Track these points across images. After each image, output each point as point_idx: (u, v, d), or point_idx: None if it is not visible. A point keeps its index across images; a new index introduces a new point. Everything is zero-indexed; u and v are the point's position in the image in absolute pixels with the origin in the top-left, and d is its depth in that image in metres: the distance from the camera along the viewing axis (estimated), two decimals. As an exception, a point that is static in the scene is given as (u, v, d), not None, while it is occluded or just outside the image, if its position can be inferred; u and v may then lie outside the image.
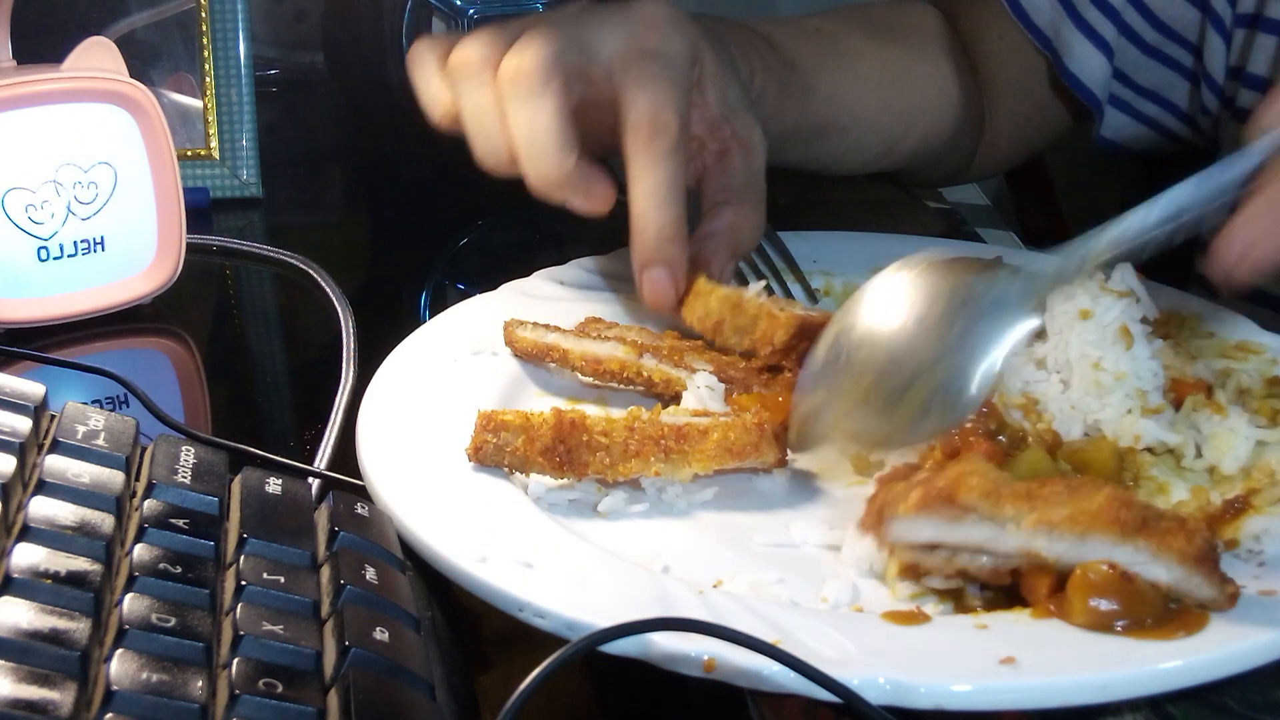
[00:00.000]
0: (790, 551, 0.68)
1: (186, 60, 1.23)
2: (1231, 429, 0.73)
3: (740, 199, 0.90)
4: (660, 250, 0.83)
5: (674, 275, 0.84)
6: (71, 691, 0.46)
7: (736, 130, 0.90)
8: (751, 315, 0.82)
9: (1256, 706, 0.57)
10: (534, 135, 0.81)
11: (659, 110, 0.82)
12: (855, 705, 0.52)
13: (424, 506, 0.66)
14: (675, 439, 0.70)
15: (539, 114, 0.81)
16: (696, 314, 0.84)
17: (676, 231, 0.83)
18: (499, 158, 0.84)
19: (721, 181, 0.90)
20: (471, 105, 0.84)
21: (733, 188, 0.90)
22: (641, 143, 0.82)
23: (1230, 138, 1.12)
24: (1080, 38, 1.15)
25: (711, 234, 0.89)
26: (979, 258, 0.96)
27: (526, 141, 0.82)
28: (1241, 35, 1.09)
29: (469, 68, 0.84)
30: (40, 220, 0.92)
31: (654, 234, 0.83)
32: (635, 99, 0.82)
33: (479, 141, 0.85)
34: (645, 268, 0.84)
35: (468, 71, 0.84)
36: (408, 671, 0.52)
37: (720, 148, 0.90)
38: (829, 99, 1.11)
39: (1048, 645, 0.57)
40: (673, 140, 0.82)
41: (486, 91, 0.83)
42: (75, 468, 0.58)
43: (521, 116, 0.82)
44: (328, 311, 0.98)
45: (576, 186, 0.83)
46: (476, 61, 0.84)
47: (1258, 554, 0.65)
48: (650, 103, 0.82)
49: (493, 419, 0.70)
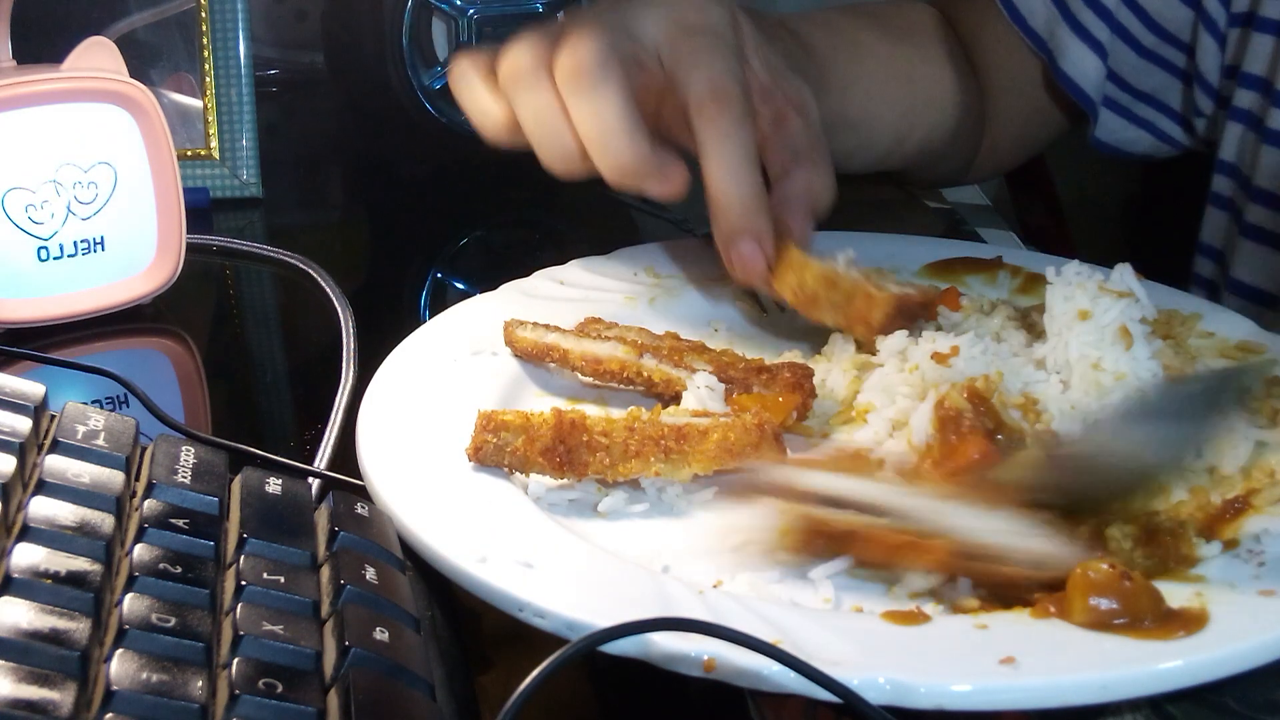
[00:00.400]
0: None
1: (186, 60, 1.23)
2: (1231, 429, 0.73)
3: (809, 158, 0.88)
4: (746, 222, 0.82)
5: (763, 246, 0.82)
6: (71, 691, 0.46)
7: (789, 94, 0.89)
8: (847, 292, 0.80)
9: (1256, 706, 0.57)
10: (604, 127, 0.81)
11: (719, 82, 0.81)
12: (855, 705, 0.52)
13: (424, 506, 0.66)
14: (675, 439, 0.70)
15: (605, 105, 0.80)
16: (790, 285, 0.82)
17: (759, 202, 0.82)
18: (569, 157, 0.83)
19: (786, 145, 0.89)
20: (532, 110, 0.84)
21: (798, 149, 0.89)
22: (709, 117, 0.81)
23: (1226, 138, 1.12)
24: (1075, 39, 1.15)
25: (788, 198, 0.87)
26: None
27: (597, 134, 0.81)
28: (1236, 35, 1.09)
29: (523, 73, 0.83)
30: (40, 220, 0.92)
31: (737, 207, 0.82)
32: (692, 76, 0.82)
33: (546, 144, 0.84)
34: (732, 241, 0.82)
35: (522, 77, 0.83)
36: (408, 671, 0.52)
37: (775, 113, 0.89)
38: (841, 91, 1.10)
39: (1048, 645, 0.57)
40: (739, 109, 0.81)
41: (545, 94, 0.83)
42: (75, 468, 0.58)
43: (587, 111, 0.81)
44: (328, 311, 0.98)
45: (653, 171, 0.82)
46: (529, 66, 0.83)
47: (1258, 554, 0.65)
48: (708, 77, 0.81)
49: (493, 419, 0.70)
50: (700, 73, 0.82)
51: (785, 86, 0.90)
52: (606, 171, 0.83)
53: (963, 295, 0.87)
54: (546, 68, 0.83)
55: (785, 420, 0.76)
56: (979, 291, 0.93)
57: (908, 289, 0.83)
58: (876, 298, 0.79)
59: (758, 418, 0.73)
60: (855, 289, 0.80)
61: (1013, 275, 0.95)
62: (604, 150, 0.81)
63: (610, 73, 0.80)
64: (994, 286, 0.94)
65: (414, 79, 1.22)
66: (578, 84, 0.81)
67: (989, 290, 0.94)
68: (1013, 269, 0.95)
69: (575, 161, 0.84)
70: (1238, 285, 1.11)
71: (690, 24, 0.84)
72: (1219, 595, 0.61)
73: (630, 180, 0.83)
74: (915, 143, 1.20)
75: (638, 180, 0.83)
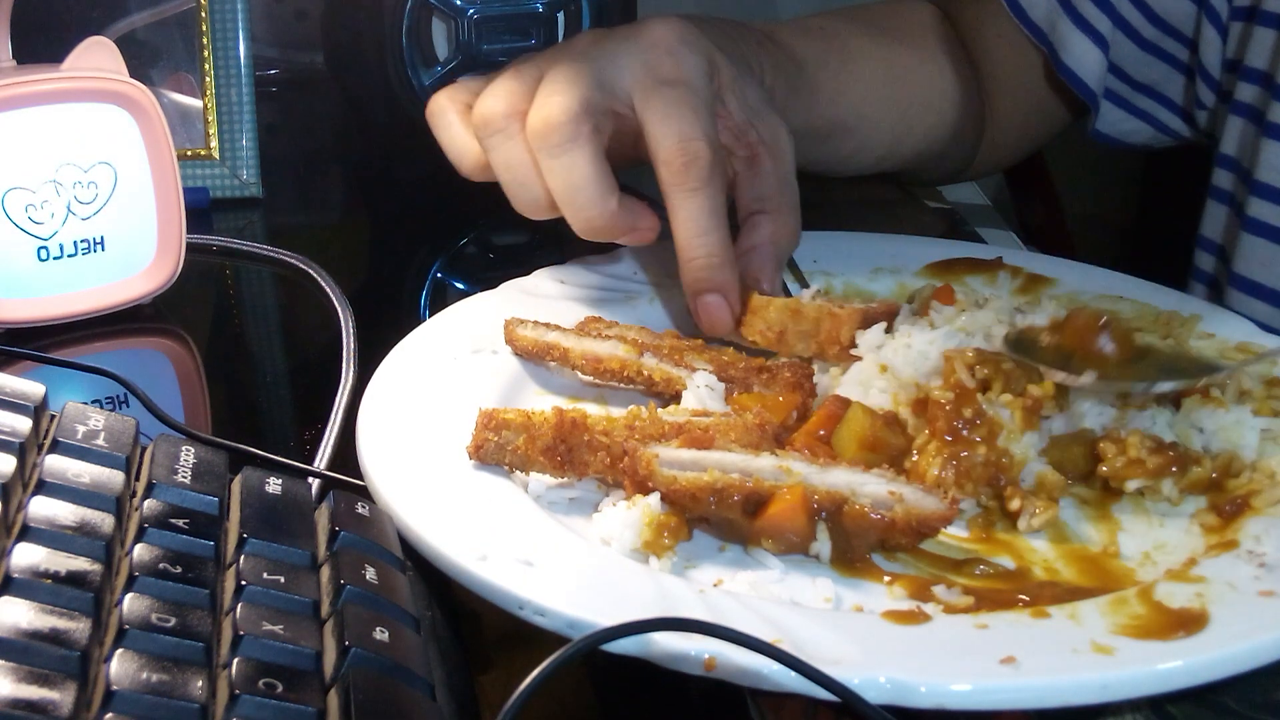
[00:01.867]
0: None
1: (186, 60, 1.23)
2: (1238, 421, 0.73)
3: (776, 206, 0.90)
4: (710, 277, 0.84)
5: (729, 299, 0.84)
6: (71, 691, 0.46)
7: (762, 134, 0.91)
8: (813, 319, 0.82)
9: (1256, 706, 0.57)
10: (573, 187, 0.83)
11: (687, 141, 0.83)
12: (855, 705, 0.52)
13: (424, 506, 0.66)
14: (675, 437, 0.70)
15: (575, 165, 0.82)
16: (757, 329, 0.84)
17: (724, 257, 0.84)
18: (539, 207, 0.86)
19: (755, 189, 0.91)
20: (504, 160, 0.85)
21: (766, 195, 0.90)
22: (676, 175, 0.83)
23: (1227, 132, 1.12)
24: (1076, 32, 1.15)
25: (755, 248, 0.89)
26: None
27: (567, 193, 0.83)
28: (1239, 28, 1.09)
29: (495, 123, 0.85)
30: (40, 220, 0.92)
31: (702, 263, 0.84)
32: (662, 133, 0.83)
33: (516, 193, 0.86)
34: (698, 295, 0.85)
35: (494, 126, 0.85)
36: (408, 671, 0.52)
37: (749, 154, 0.91)
38: (835, 98, 1.11)
39: (1048, 645, 0.57)
40: (706, 168, 0.83)
41: (517, 145, 0.84)
42: (75, 468, 0.58)
43: (558, 170, 0.83)
44: (328, 311, 0.98)
45: (621, 227, 0.85)
46: (502, 114, 0.85)
47: (1258, 554, 0.65)
48: (677, 134, 0.83)
49: (494, 417, 0.70)
50: (669, 130, 0.83)
51: (761, 127, 0.91)
52: (575, 226, 0.85)
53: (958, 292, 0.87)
54: (519, 118, 0.84)
55: (785, 419, 0.76)
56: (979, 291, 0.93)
57: (871, 305, 0.84)
58: (841, 315, 0.81)
59: (758, 417, 0.73)
60: (820, 313, 0.82)
61: (1013, 275, 0.95)
62: (573, 207, 0.84)
63: (580, 132, 0.82)
64: (994, 286, 0.94)
65: (414, 79, 1.22)
66: (547, 142, 0.82)
67: (989, 291, 0.94)
68: (1013, 269, 0.95)
69: (545, 210, 0.86)
70: (1241, 281, 1.10)
71: (664, 75, 0.85)
72: (1219, 595, 0.61)
73: (599, 235, 0.85)
74: (914, 143, 1.20)
75: (607, 235, 0.85)
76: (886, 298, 0.92)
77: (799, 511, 0.65)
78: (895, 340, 0.78)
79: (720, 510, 0.66)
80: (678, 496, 0.66)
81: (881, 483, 0.67)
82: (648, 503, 0.66)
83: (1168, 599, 0.60)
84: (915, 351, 0.77)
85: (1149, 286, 0.93)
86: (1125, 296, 0.91)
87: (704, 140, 0.83)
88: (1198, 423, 0.74)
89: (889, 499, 0.66)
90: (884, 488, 0.67)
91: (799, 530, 0.65)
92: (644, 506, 0.66)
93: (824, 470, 0.68)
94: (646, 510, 0.65)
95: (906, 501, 0.66)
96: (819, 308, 0.83)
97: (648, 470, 0.66)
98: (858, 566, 0.66)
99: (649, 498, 0.66)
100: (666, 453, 0.68)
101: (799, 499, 0.65)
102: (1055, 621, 0.59)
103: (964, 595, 0.63)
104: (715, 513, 0.66)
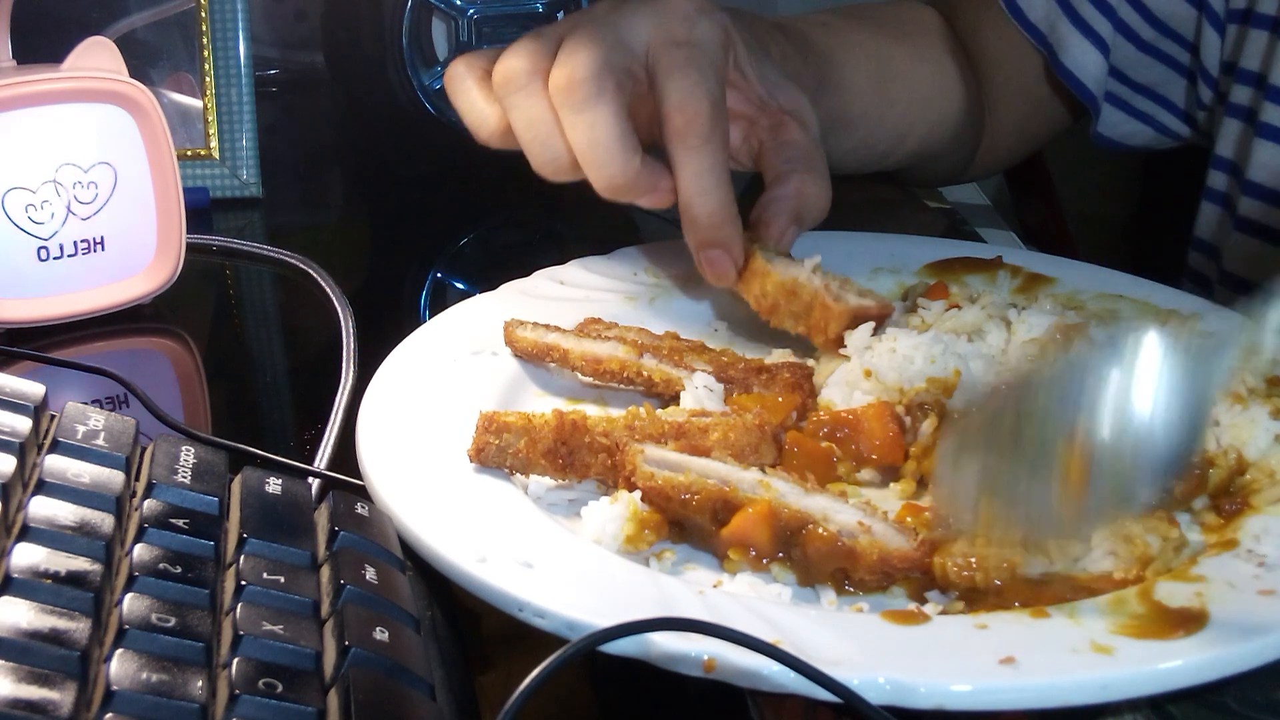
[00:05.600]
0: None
1: (186, 60, 1.23)
2: (1253, 419, 0.73)
3: (805, 166, 0.90)
4: (713, 233, 0.84)
5: (731, 254, 0.84)
6: (71, 691, 0.46)
7: (784, 104, 0.91)
8: (806, 302, 0.82)
9: (1256, 706, 0.57)
10: (596, 143, 0.82)
11: (690, 98, 0.82)
12: (855, 705, 0.52)
13: (424, 506, 0.66)
14: (675, 438, 0.70)
15: (598, 121, 0.82)
16: (754, 292, 0.85)
17: (726, 214, 0.84)
18: (560, 166, 0.85)
19: (784, 154, 0.91)
20: (525, 118, 0.85)
21: (795, 157, 0.90)
22: (677, 132, 0.83)
23: (1223, 134, 1.12)
24: (1076, 34, 1.15)
25: (775, 198, 0.89)
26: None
27: (589, 150, 0.83)
28: (1234, 30, 1.09)
29: (517, 80, 0.84)
30: (40, 220, 0.92)
31: (704, 219, 0.84)
32: (668, 90, 0.83)
33: (537, 152, 0.85)
34: (701, 249, 0.85)
35: (516, 84, 0.84)
36: (408, 671, 0.52)
37: (773, 122, 0.91)
38: (838, 91, 1.11)
39: (1048, 645, 0.57)
40: (707, 124, 0.82)
41: (539, 103, 0.84)
42: (75, 468, 0.58)
43: (580, 126, 0.82)
44: (328, 311, 0.98)
45: (643, 186, 0.84)
46: (524, 73, 0.84)
47: (1258, 554, 0.65)
48: (681, 91, 0.83)
49: (494, 420, 0.70)
50: (674, 87, 0.83)
51: (783, 96, 0.91)
52: (598, 184, 0.84)
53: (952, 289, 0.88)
54: (542, 76, 0.84)
55: (785, 420, 0.76)
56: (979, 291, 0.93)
57: (866, 300, 0.84)
58: (833, 310, 0.82)
59: (758, 418, 0.73)
60: (814, 300, 0.82)
61: (1013, 275, 0.95)
62: (596, 164, 0.83)
63: (604, 88, 0.82)
64: (994, 286, 0.94)
65: (414, 79, 1.22)
66: (571, 98, 0.82)
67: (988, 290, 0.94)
68: (1013, 269, 0.95)
69: (566, 170, 0.85)
70: (1229, 278, 1.11)
71: (676, 37, 0.85)
72: (1219, 595, 0.61)
73: (621, 194, 0.85)
74: (914, 142, 1.20)
75: (628, 194, 0.85)
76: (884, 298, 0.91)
77: (763, 525, 0.64)
78: (881, 344, 0.78)
79: (689, 513, 0.66)
80: (653, 494, 0.66)
81: (856, 513, 0.66)
82: (632, 498, 0.66)
83: (1167, 598, 0.60)
84: (899, 356, 0.77)
85: (1148, 285, 0.93)
86: (1125, 295, 0.91)
87: (706, 99, 0.83)
88: (1215, 416, 0.74)
89: (856, 529, 0.65)
90: (855, 517, 0.66)
91: (761, 545, 0.65)
92: (628, 501, 0.66)
93: (805, 494, 0.67)
94: (630, 504, 0.66)
95: (874, 534, 0.65)
96: (814, 293, 0.82)
97: (632, 465, 0.67)
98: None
99: (634, 493, 0.66)
100: (654, 452, 0.68)
101: (764, 512, 0.65)
102: (1055, 621, 0.59)
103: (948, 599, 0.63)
104: (686, 516, 0.66)
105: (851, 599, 0.64)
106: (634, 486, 0.67)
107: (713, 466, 0.68)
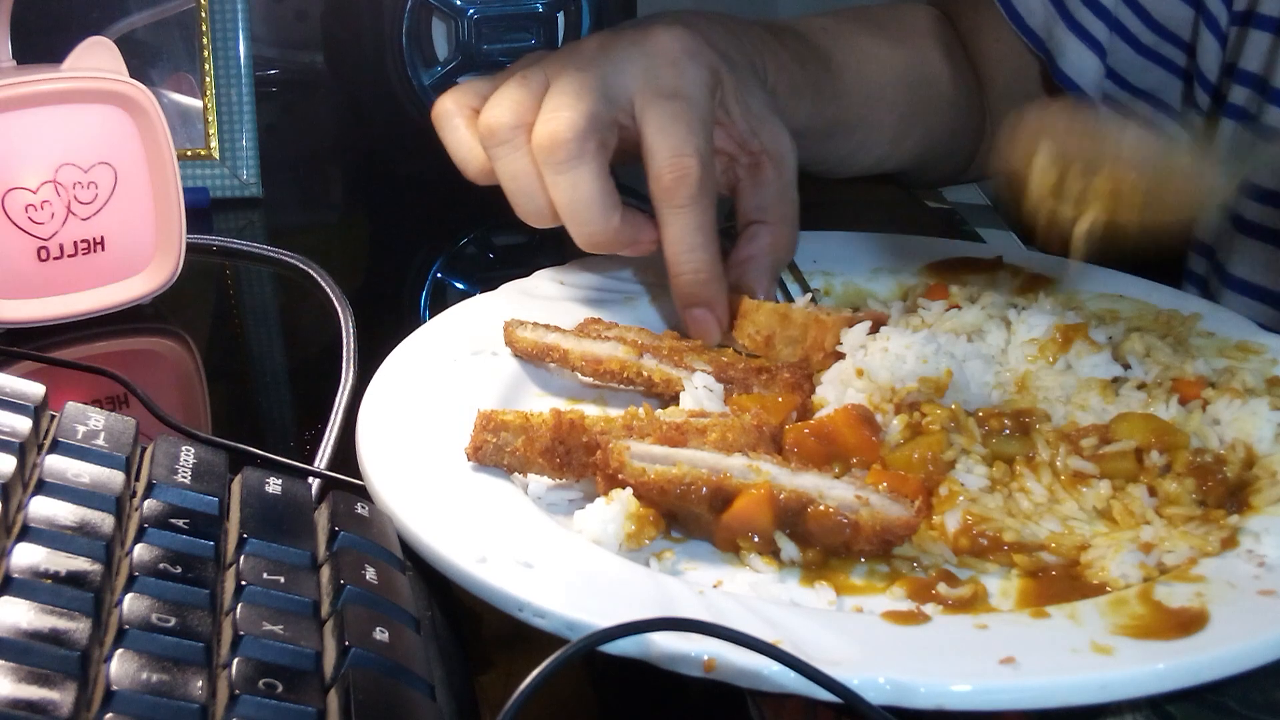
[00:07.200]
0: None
1: (186, 60, 1.23)
2: (1254, 412, 0.74)
3: (775, 216, 0.91)
4: (698, 292, 0.86)
5: (716, 312, 0.86)
6: (71, 691, 0.46)
7: (765, 142, 0.91)
8: (800, 324, 0.84)
9: (1256, 706, 0.57)
10: (577, 202, 0.83)
11: (679, 157, 0.83)
12: (855, 705, 0.52)
13: (424, 506, 0.66)
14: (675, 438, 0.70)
15: (579, 182, 0.83)
16: (747, 333, 0.86)
17: (711, 272, 0.85)
18: (542, 217, 0.86)
19: (755, 198, 0.92)
20: (509, 170, 0.86)
21: (766, 205, 0.92)
22: (665, 190, 0.84)
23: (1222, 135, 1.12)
24: (1073, 39, 1.15)
25: (751, 257, 0.90)
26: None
27: (570, 208, 0.84)
28: (1235, 33, 1.09)
29: (500, 134, 0.85)
30: (40, 220, 0.92)
31: (690, 278, 0.85)
32: (655, 146, 0.84)
33: (521, 202, 0.87)
34: (687, 308, 0.86)
35: (500, 138, 0.85)
36: (408, 671, 0.52)
37: (752, 161, 0.92)
38: (837, 96, 1.11)
39: (1047, 645, 0.57)
40: (695, 184, 0.84)
41: (522, 157, 0.85)
42: (75, 468, 0.58)
43: (562, 185, 0.83)
44: (328, 311, 0.98)
45: (623, 241, 0.86)
46: (508, 125, 0.85)
47: (1258, 554, 0.65)
48: (669, 149, 0.84)
49: (492, 419, 0.70)
50: (663, 144, 0.84)
51: (764, 135, 0.92)
52: (578, 239, 0.86)
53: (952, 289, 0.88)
54: (525, 130, 0.85)
55: (784, 420, 0.76)
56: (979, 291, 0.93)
57: (857, 313, 0.86)
58: (827, 322, 0.83)
59: (757, 418, 0.73)
60: (808, 319, 0.84)
61: (1013, 276, 0.95)
62: (576, 222, 0.84)
63: (585, 150, 0.83)
64: (994, 287, 0.94)
65: (414, 79, 1.22)
66: (554, 157, 0.83)
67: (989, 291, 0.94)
68: (1013, 269, 0.95)
69: (548, 220, 0.87)
70: (1236, 282, 1.11)
71: (663, 87, 0.86)
72: (1219, 595, 0.61)
73: (601, 249, 0.86)
74: (914, 144, 1.20)
75: (608, 249, 0.86)
76: (879, 304, 0.93)
77: (764, 507, 0.65)
78: (874, 343, 0.79)
79: (687, 504, 0.66)
80: (646, 489, 0.66)
81: (850, 487, 0.67)
82: (626, 496, 0.66)
83: (1167, 599, 0.60)
84: (892, 355, 0.77)
85: (1148, 285, 0.93)
86: (1125, 295, 0.92)
87: (695, 157, 0.84)
88: (1214, 414, 0.74)
89: (855, 503, 0.66)
90: (851, 492, 0.67)
91: (762, 528, 0.65)
92: (623, 500, 0.66)
93: (794, 474, 0.68)
94: (628, 503, 0.66)
95: (872, 506, 0.66)
96: (806, 314, 0.84)
97: (619, 463, 0.67)
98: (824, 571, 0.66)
99: (625, 492, 0.66)
100: (638, 447, 0.68)
101: (765, 495, 0.65)
102: (1055, 621, 0.59)
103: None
104: (682, 507, 0.66)
105: (852, 599, 0.64)
106: (617, 484, 0.67)
107: (700, 456, 0.68)
